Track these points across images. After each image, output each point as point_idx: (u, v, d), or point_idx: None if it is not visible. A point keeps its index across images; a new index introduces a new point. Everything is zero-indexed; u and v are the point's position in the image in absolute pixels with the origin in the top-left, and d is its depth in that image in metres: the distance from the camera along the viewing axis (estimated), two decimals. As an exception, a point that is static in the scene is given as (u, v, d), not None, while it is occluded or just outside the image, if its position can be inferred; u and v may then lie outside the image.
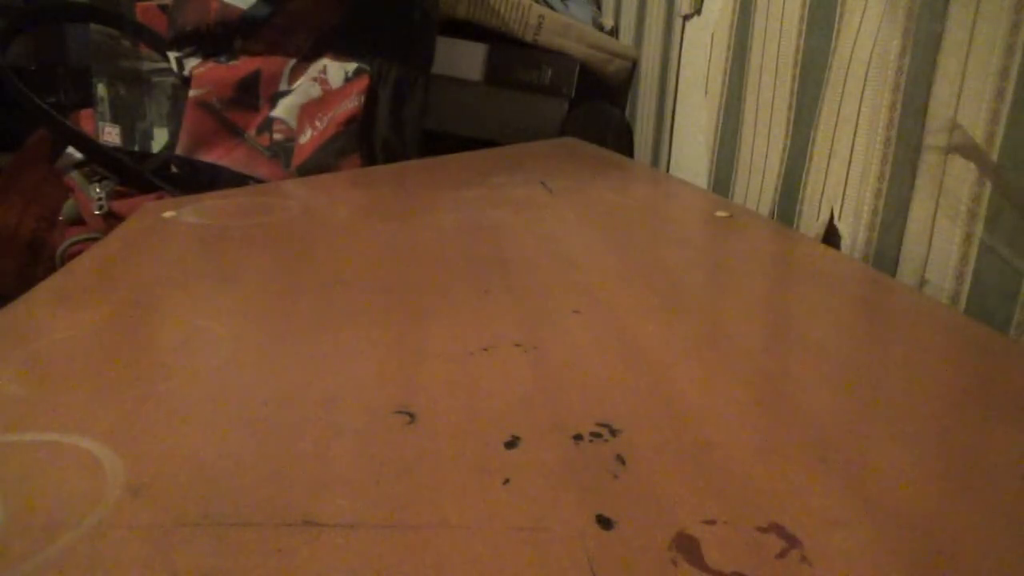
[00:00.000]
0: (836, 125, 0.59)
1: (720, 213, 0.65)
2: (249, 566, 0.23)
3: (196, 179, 0.85)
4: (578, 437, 0.30)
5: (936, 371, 0.36)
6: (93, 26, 0.97)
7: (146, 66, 0.97)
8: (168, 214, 0.60)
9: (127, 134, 0.97)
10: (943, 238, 0.50)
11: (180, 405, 0.32)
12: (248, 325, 0.41)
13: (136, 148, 0.97)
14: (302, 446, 0.29)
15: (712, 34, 0.79)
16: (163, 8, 1.00)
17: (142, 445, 0.29)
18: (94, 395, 0.32)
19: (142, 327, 0.40)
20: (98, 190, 0.82)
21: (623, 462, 0.29)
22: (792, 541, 0.25)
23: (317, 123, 0.84)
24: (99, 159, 0.85)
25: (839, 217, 0.59)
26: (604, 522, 0.26)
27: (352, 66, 0.84)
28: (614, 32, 1.08)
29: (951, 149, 0.48)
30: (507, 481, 0.27)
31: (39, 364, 0.35)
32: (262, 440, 0.29)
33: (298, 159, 0.84)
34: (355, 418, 0.31)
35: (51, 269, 0.76)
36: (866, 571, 0.23)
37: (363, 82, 0.84)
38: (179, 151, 0.88)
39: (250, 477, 0.27)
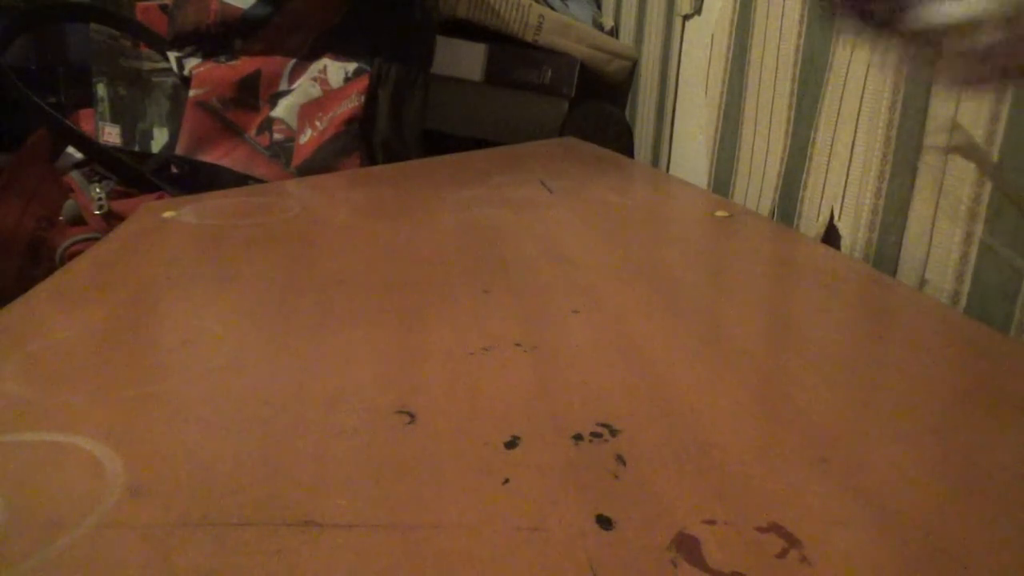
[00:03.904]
0: (836, 125, 0.59)
1: (720, 213, 0.65)
2: (249, 566, 0.23)
3: (196, 179, 0.85)
4: (578, 437, 0.30)
5: (936, 371, 0.36)
6: (93, 26, 0.97)
7: (146, 66, 0.97)
8: (168, 214, 0.60)
9: (127, 134, 0.97)
10: (943, 238, 0.50)
11: (180, 405, 0.32)
12: (248, 325, 0.41)
13: (136, 148, 0.97)
14: (302, 446, 0.29)
15: (712, 34, 0.79)
16: (163, 8, 1.00)
17: (142, 445, 0.29)
18: (94, 395, 0.32)
19: (142, 327, 0.40)
20: (98, 190, 0.82)
21: (623, 462, 0.29)
22: (792, 541, 0.25)
23: (317, 123, 0.84)
24: (99, 159, 0.85)
25: (839, 217, 0.59)
26: (604, 522, 0.26)
27: (352, 66, 0.84)
28: (614, 32, 1.08)
29: (951, 149, 0.48)
30: (507, 481, 0.27)
31: (39, 364, 0.35)
32: (262, 440, 0.29)
33: (298, 159, 0.84)
34: (355, 418, 0.31)
35: (51, 269, 0.76)
36: (866, 571, 0.23)
37: (363, 82, 0.84)
38: (179, 151, 0.88)
39: (250, 477, 0.27)
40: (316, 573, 0.23)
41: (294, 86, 0.86)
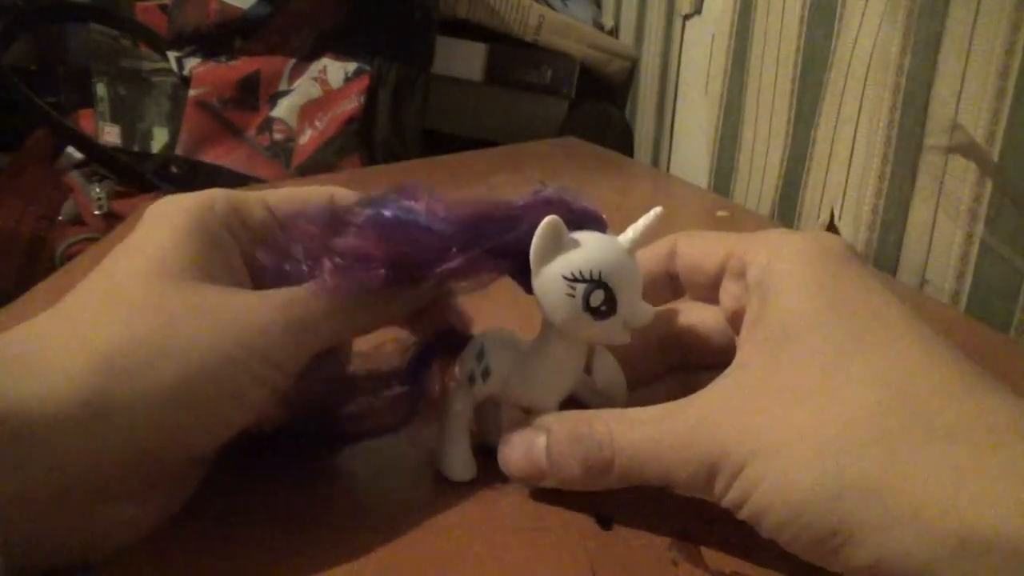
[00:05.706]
0: (836, 125, 0.59)
1: (720, 213, 0.65)
2: (250, 566, 0.23)
3: (196, 179, 0.85)
4: (578, 437, 0.30)
5: (936, 371, 0.36)
6: (93, 26, 0.97)
7: (146, 66, 0.97)
8: (168, 214, 0.60)
9: (127, 134, 0.97)
10: (943, 238, 0.50)
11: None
12: (248, 325, 0.40)
13: (136, 148, 0.97)
14: (299, 446, 0.29)
15: (712, 34, 0.79)
16: (163, 8, 1.00)
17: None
18: (94, 395, 0.32)
19: (142, 327, 0.40)
20: (98, 190, 0.82)
21: (623, 462, 0.29)
22: (792, 541, 0.24)
23: (317, 123, 0.84)
24: (99, 159, 0.85)
25: (839, 217, 0.59)
26: (604, 522, 0.26)
27: (352, 66, 0.84)
28: (614, 32, 1.08)
29: (951, 149, 0.48)
30: (507, 481, 0.27)
31: (39, 364, 0.35)
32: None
33: (298, 159, 0.84)
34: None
35: (51, 269, 0.76)
36: (866, 571, 0.22)
37: (363, 82, 0.84)
38: (179, 151, 0.88)
39: (249, 478, 0.27)
40: (316, 573, 0.23)
41: (294, 86, 0.86)
